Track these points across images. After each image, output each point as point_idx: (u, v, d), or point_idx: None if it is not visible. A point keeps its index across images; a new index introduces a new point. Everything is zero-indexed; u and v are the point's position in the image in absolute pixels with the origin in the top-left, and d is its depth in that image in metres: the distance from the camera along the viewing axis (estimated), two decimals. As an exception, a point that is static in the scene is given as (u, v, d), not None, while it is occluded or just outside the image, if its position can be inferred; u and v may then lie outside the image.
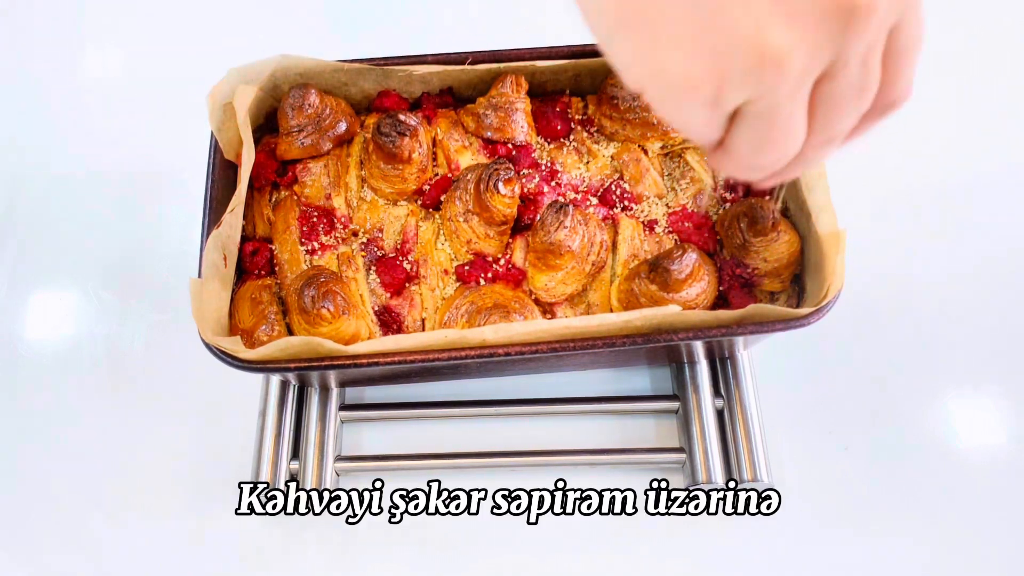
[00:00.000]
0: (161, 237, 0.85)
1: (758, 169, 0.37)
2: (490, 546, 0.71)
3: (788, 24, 0.31)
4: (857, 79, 0.34)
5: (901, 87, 0.36)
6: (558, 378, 0.76)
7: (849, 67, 0.33)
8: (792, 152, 0.36)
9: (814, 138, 0.36)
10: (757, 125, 0.35)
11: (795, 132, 0.35)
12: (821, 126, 0.36)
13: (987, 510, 0.71)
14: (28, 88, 0.95)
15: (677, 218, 0.70)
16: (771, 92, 0.32)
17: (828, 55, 0.32)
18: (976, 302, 0.80)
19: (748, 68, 0.31)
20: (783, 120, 0.34)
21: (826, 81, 0.34)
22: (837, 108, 0.35)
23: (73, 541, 0.71)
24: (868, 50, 0.33)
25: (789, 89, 0.33)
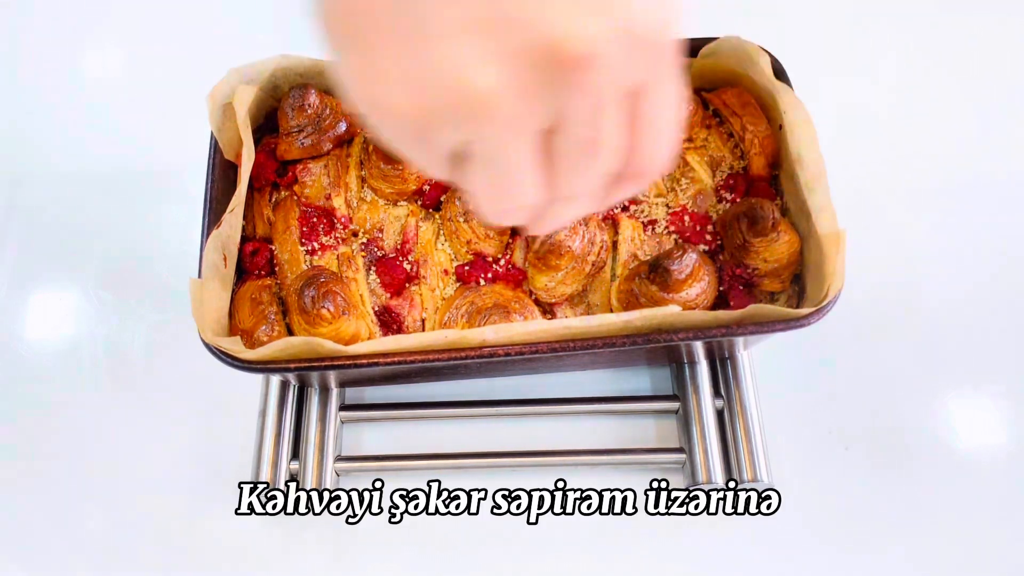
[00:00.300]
0: (161, 237, 0.85)
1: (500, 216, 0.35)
2: (490, 546, 0.71)
3: (497, 66, 0.28)
4: (587, 138, 0.31)
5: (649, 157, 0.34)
6: (558, 378, 0.76)
7: (575, 124, 0.31)
8: (528, 202, 0.34)
9: (553, 193, 0.34)
10: (481, 169, 0.33)
11: (523, 183, 0.33)
12: (557, 182, 0.33)
13: (987, 510, 0.71)
14: (28, 88, 0.95)
15: (677, 218, 0.70)
16: (483, 135, 0.31)
17: (545, 105, 0.30)
18: (976, 302, 0.80)
19: (451, 106, 0.29)
20: (505, 167, 0.32)
21: (554, 135, 0.32)
22: (568, 166, 0.33)
23: (73, 541, 0.71)
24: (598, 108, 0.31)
25: (503, 135, 0.31)
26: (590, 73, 0.29)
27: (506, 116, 0.30)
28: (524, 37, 0.28)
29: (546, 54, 0.28)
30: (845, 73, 0.93)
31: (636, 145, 0.33)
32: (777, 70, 0.70)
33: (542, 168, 0.33)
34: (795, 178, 0.66)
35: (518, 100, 0.29)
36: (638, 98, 0.32)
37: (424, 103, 0.30)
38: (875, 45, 0.95)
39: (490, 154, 0.32)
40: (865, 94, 0.92)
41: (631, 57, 0.30)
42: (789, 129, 0.67)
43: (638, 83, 0.31)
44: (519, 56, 0.28)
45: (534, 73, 0.29)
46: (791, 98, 0.67)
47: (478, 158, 0.33)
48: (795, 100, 0.67)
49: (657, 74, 0.32)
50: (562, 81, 0.29)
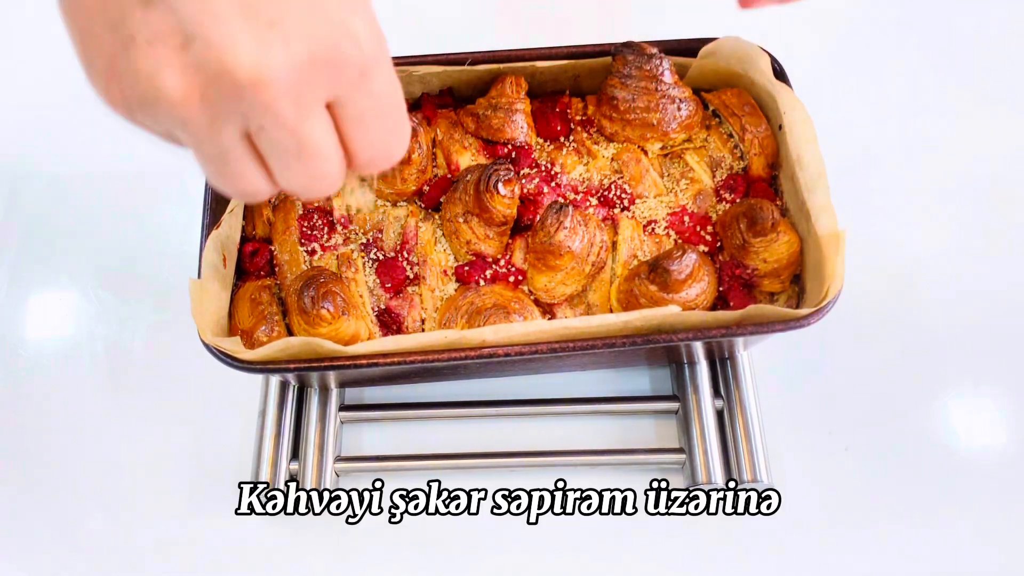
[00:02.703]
0: (161, 237, 0.85)
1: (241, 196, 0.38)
2: (490, 546, 0.71)
3: (182, 76, 0.32)
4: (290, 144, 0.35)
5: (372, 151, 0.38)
6: (558, 378, 0.77)
7: (269, 132, 0.34)
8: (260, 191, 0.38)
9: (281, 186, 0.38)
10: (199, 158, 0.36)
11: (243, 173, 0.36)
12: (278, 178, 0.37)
13: (987, 510, 0.71)
14: (28, 88, 0.95)
15: (677, 218, 0.70)
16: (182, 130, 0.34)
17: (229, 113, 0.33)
18: (976, 302, 0.80)
19: (146, 101, 0.33)
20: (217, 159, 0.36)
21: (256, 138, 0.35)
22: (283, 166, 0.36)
23: (73, 541, 0.71)
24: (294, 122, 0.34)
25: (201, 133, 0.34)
26: (264, 95, 0.33)
27: (195, 118, 0.33)
28: (201, 56, 0.32)
29: (218, 74, 0.32)
30: (845, 73, 0.93)
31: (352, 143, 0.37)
32: (777, 70, 0.70)
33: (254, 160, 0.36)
34: (795, 178, 0.66)
35: (204, 106, 0.33)
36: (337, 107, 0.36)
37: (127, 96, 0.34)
38: (875, 45, 0.95)
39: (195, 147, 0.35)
40: (865, 94, 0.92)
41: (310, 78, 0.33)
42: (789, 129, 0.67)
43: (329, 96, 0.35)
44: (199, 71, 0.32)
45: (215, 87, 0.32)
46: (791, 98, 0.67)
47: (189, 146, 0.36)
48: (795, 100, 0.67)
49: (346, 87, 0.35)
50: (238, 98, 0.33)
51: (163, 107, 0.33)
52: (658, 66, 0.69)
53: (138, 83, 0.33)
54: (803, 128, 0.66)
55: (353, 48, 0.34)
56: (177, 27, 0.32)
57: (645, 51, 0.70)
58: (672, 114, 0.70)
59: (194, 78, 0.32)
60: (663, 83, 0.69)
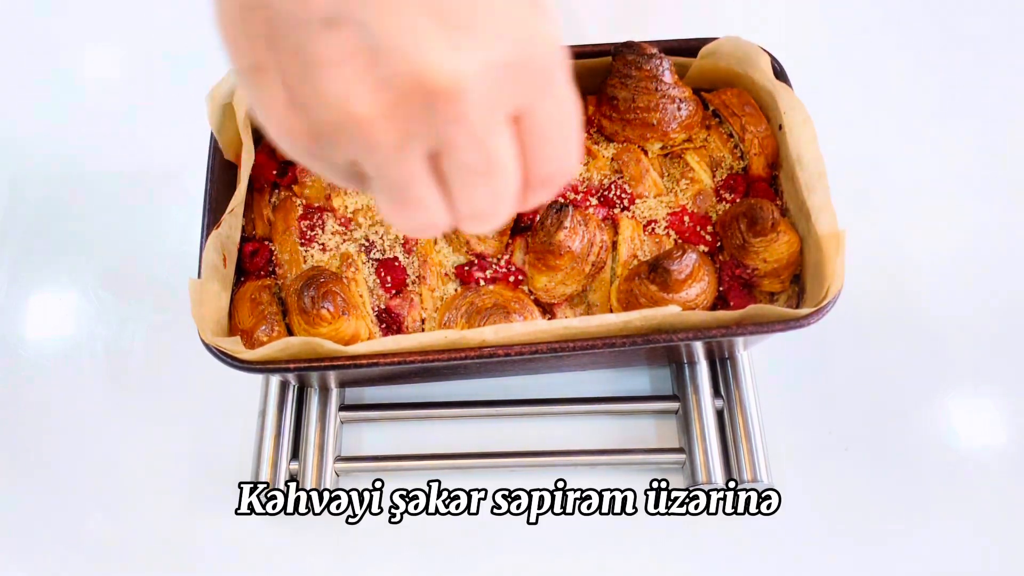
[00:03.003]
0: (161, 237, 0.85)
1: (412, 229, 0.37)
2: (490, 546, 0.71)
3: (373, 95, 0.30)
4: (475, 161, 0.33)
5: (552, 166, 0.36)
6: (558, 378, 0.76)
7: (459, 148, 0.32)
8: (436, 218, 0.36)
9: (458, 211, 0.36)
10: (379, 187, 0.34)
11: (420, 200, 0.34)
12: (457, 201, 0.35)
13: (987, 510, 0.71)
14: (28, 88, 0.95)
15: (677, 218, 0.70)
16: (368, 156, 0.32)
17: (423, 132, 0.32)
18: (976, 302, 0.80)
19: (334, 128, 0.31)
20: (398, 186, 0.34)
21: (443, 159, 0.33)
22: (464, 186, 0.34)
23: (73, 541, 0.71)
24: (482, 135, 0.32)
25: (387, 157, 0.32)
26: (459, 105, 0.30)
27: (385, 140, 0.31)
28: (395, 69, 0.30)
29: (413, 86, 0.30)
30: (845, 73, 0.93)
31: (532, 159, 0.35)
32: (777, 70, 0.70)
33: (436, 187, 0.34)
34: (795, 178, 0.66)
35: (394, 126, 0.31)
36: (523, 120, 0.34)
37: (311, 124, 0.32)
38: (875, 46, 0.95)
39: (379, 174, 0.33)
40: (865, 94, 0.92)
41: (504, 85, 0.31)
42: (789, 129, 0.67)
43: (519, 106, 0.33)
44: (391, 86, 0.30)
45: (407, 102, 0.30)
46: (791, 98, 0.67)
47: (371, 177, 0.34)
48: (795, 100, 0.67)
49: (539, 94, 0.33)
50: (434, 111, 0.31)
51: (352, 130, 0.31)
52: (658, 66, 0.69)
53: (325, 109, 0.31)
54: (803, 128, 0.66)
55: (544, 52, 0.33)
56: (365, 44, 0.30)
57: (645, 51, 0.70)
58: (672, 114, 0.70)
59: (386, 95, 0.30)
60: (663, 83, 0.69)
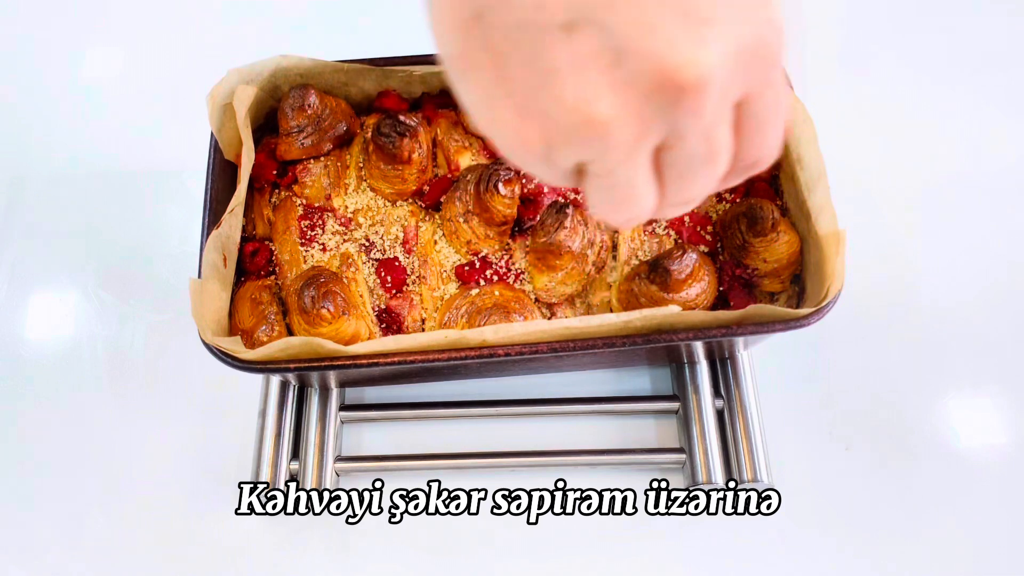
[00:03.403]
0: (161, 237, 0.85)
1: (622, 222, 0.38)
2: (490, 546, 0.71)
3: (614, 96, 0.30)
4: (701, 150, 0.34)
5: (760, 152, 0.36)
6: (558, 378, 0.76)
7: (688, 140, 0.33)
8: (646, 209, 0.36)
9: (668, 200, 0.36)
10: (600, 185, 0.35)
11: (639, 194, 0.35)
12: (671, 190, 0.36)
13: (987, 510, 0.71)
14: (28, 88, 0.95)
15: (677, 218, 0.70)
16: (602, 157, 0.33)
17: (660, 128, 0.32)
18: (976, 302, 0.80)
19: (573, 133, 0.31)
20: (623, 183, 0.34)
21: (667, 151, 0.34)
22: (682, 176, 0.35)
23: (73, 541, 0.71)
24: (710, 125, 0.33)
25: (621, 155, 0.32)
26: (702, 96, 0.30)
27: (624, 141, 0.32)
28: (637, 68, 0.30)
29: (659, 82, 0.30)
30: (845, 73, 0.93)
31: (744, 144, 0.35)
32: (777, 70, 0.70)
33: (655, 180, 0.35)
34: (795, 178, 0.66)
35: (635, 125, 0.31)
36: (744, 105, 0.34)
37: (548, 129, 0.32)
38: (875, 45, 0.95)
39: (608, 172, 0.34)
40: (865, 94, 0.92)
41: (739, 74, 0.32)
42: (789, 129, 0.67)
43: (745, 94, 0.33)
44: (634, 85, 0.30)
45: (648, 99, 0.30)
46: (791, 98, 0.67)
47: (593, 174, 0.34)
48: (795, 100, 0.67)
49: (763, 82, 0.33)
50: (676, 105, 0.31)
51: (592, 133, 0.31)
52: (658, 66, 0.69)
53: (565, 115, 0.31)
54: (803, 128, 0.66)
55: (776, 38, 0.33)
56: (606, 45, 0.30)
57: (645, 51, 0.69)
58: (672, 114, 0.70)
59: (629, 94, 0.30)
60: (663, 83, 0.69)
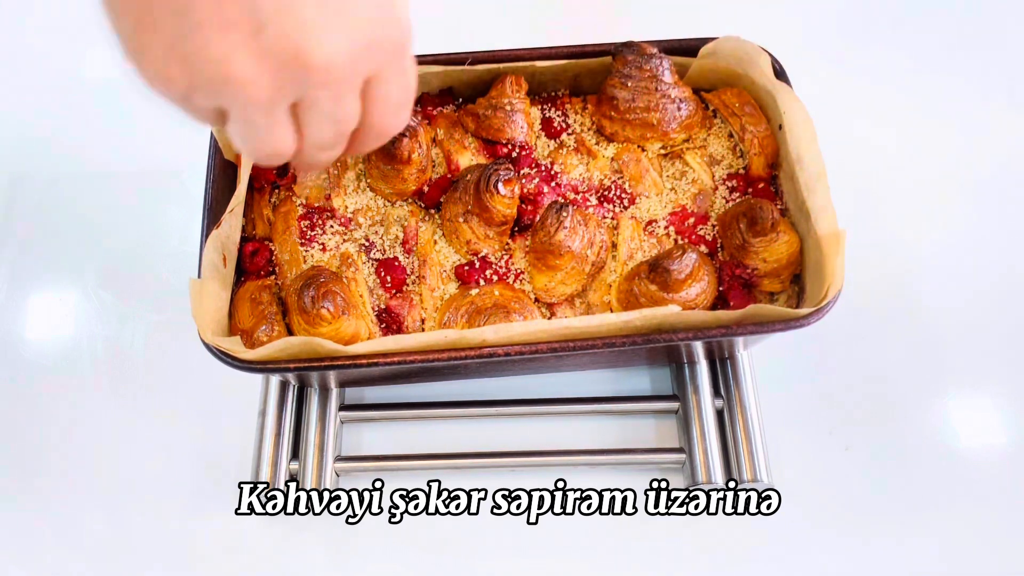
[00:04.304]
0: (161, 237, 0.85)
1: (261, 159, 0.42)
2: (490, 546, 0.71)
3: (254, 60, 0.35)
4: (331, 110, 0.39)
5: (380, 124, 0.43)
6: (558, 378, 0.76)
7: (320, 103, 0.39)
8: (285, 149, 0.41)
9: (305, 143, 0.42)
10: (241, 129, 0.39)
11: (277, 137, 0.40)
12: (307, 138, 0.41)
13: (987, 510, 0.71)
14: (28, 88, 0.95)
15: (677, 218, 0.70)
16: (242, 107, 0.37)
17: (294, 90, 0.37)
18: (976, 302, 0.80)
19: (213, 83, 0.35)
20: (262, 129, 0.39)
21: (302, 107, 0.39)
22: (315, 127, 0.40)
23: (73, 541, 0.71)
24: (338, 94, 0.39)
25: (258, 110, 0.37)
26: (328, 75, 0.37)
27: (259, 96, 0.36)
28: (276, 43, 0.35)
29: (291, 58, 0.35)
30: (845, 73, 0.93)
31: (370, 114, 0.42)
32: (777, 70, 0.70)
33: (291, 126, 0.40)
34: (795, 178, 0.66)
35: (269, 88, 0.36)
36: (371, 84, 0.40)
37: (189, 75, 0.36)
38: (875, 45, 0.95)
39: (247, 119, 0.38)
40: (865, 94, 0.92)
41: (363, 59, 0.38)
42: (789, 129, 0.67)
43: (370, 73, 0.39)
44: (272, 56, 0.35)
45: (284, 70, 0.36)
46: (791, 98, 0.67)
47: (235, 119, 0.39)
48: (795, 100, 0.67)
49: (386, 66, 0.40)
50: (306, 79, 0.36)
51: (230, 89, 0.35)
52: (658, 66, 0.69)
53: (206, 66, 0.35)
54: (803, 128, 0.66)
55: (399, 33, 0.39)
56: (250, 15, 0.34)
57: (645, 51, 0.70)
58: (672, 114, 0.70)
59: (266, 62, 0.35)
60: (663, 83, 0.69)
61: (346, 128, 0.42)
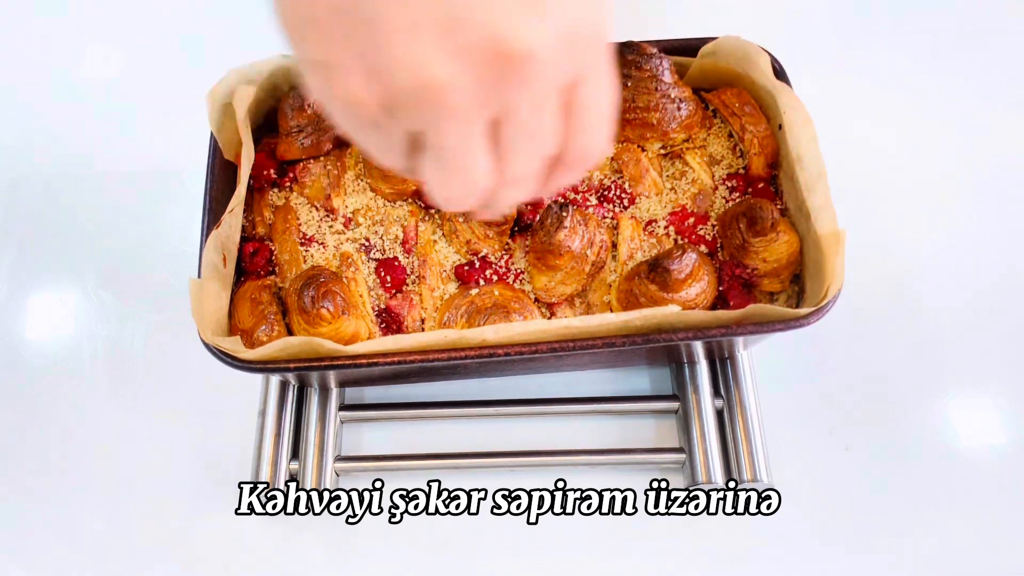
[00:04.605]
0: (161, 237, 0.85)
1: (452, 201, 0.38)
2: (490, 546, 0.71)
3: (451, 60, 0.32)
4: (529, 126, 0.35)
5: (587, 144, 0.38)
6: (558, 378, 0.76)
7: (519, 114, 0.34)
8: (480, 188, 0.37)
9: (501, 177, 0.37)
10: (435, 156, 0.36)
11: (474, 168, 0.36)
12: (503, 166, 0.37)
13: (987, 510, 0.71)
14: (28, 88, 0.95)
15: (677, 218, 0.70)
16: (438, 125, 0.34)
17: (493, 97, 0.33)
18: (976, 302, 0.80)
19: (409, 93, 0.32)
20: (459, 152, 0.35)
21: (501, 125, 0.35)
22: (512, 152, 0.36)
23: (73, 541, 0.71)
24: (540, 99, 0.34)
25: (456, 124, 0.34)
26: (532, 69, 0.32)
27: (459, 106, 0.33)
28: (473, 36, 0.31)
29: (492, 52, 0.32)
30: (845, 73, 0.93)
31: (573, 132, 0.37)
32: (777, 70, 0.70)
33: (490, 154, 0.36)
34: (795, 178, 0.66)
35: (470, 92, 0.33)
36: (574, 89, 0.36)
37: (383, 94, 0.33)
38: (875, 45, 0.95)
39: (443, 142, 0.35)
40: (865, 94, 0.92)
41: (568, 54, 0.33)
42: (789, 129, 0.67)
43: (574, 76, 0.35)
44: (469, 52, 0.32)
45: (483, 68, 0.32)
46: (791, 98, 0.67)
47: (431, 147, 0.35)
48: (795, 100, 0.67)
49: (591, 68, 0.36)
50: (507, 76, 0.32)
51: (427, 96, 0.32)
52: (658, 66, 0.69)
53: (400, 75, 0.32)
54: (803, 128, 0.66)
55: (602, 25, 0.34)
56: (439, 12, 0.31)
57: (645, 51, 0.70)
58: (672, 114, 0.70)
59: (463, 61, 0.32)
60: (663, 83, 0.69)
61: (546, 149, 0.37)
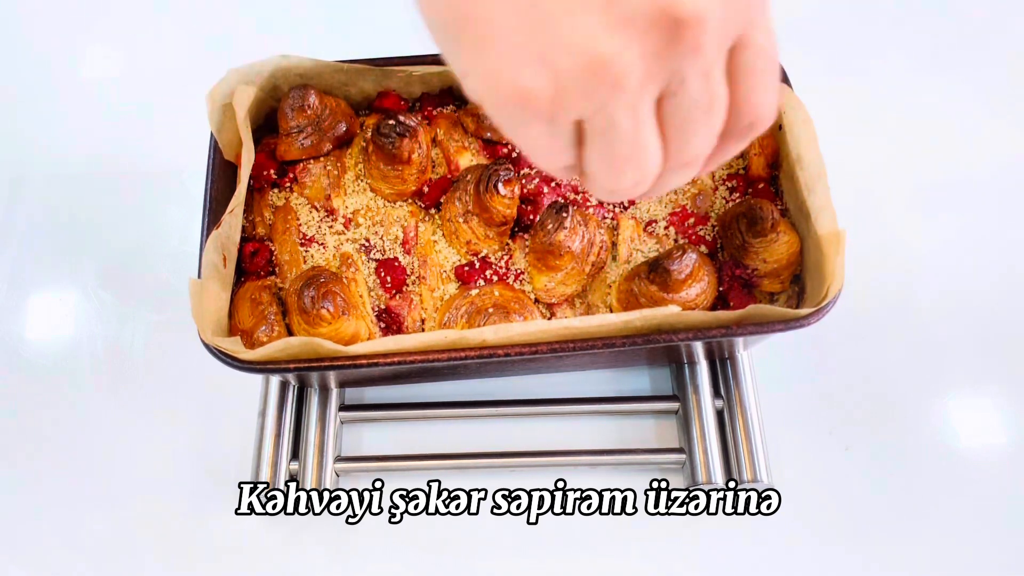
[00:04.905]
0: (161, 237, 0.85)
1: (622, 192, 0.37)
2: (490, 546, 0.71)
3: (618, 31, 0.30)
4: (701, 97, 0.33)
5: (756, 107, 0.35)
6: (558, 378, 0.76)
7: (688, 83, 0.33)
8: (650, 172, 0.36)
9: (670, 160, 0.36)
10: (604, 143, 0.34)
11: (645, 151, 0.34)
12: (674, 147, 0.35)
13: (987, 510, 0.71)
14: (28, 88, 0.95)
15: (677, 218, 0.70)
16: (608, 104, 0.32)
17: (663, 67, 0.31)
18: (976, 302, 0.80)
19: (580, 75, 0.31)
20: (628, 137, 0.34)
21: (669, 98, 0.33)
22: (685, 128, 0.34)
23: (73, 541, 0.71)
24: (709, 66, 0.32)
25: (627, 101, 0.32)
26: (701, 32, 0.30)
27: (632, 80, 0.31)
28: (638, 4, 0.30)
29: (658, 16, 0.30)
30: (845, 73, 0.93)
31: (740, 97, 0.35)
32: (777, 70, 0.70)
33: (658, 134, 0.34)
34: (795, 178, 0.66)
35: (642, 63, 0.31)
36: (737, 51, 0.34)
37: (552, 76, 0.31)
38: (875, 45, 0.95)
39: (612, 124, 0.33)
40: (865, 94, 0.92)
41: (734, 10, 0.31)
42: (789, 129, 0.67)
43: (738, 36, 0.33)
44: (636, 22, 0.30)
45: (652, 36, 0.30)
46: (791, 98, 0.67)
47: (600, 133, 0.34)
48: (795, 100, 0.67)
49: (753, 24, 0.33)
50: (677, 42, 0.30)
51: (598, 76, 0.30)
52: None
53: (568, 58, 0.30)
54: (803, 128, 0.66)
55: None
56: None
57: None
58: (672, 114, 0.70)
59: (630, 29, 0.30)
60: (663, 83, 0.69)
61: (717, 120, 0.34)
